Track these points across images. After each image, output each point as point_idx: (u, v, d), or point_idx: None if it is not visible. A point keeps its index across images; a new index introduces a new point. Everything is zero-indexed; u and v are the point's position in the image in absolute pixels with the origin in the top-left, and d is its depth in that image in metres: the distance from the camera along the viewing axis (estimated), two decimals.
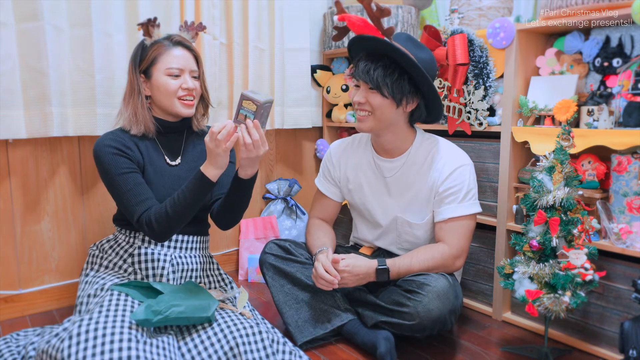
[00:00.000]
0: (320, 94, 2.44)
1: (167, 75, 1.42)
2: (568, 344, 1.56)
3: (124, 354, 1.09)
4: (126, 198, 1.37)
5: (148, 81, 1.45)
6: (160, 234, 1.36)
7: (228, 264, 2.29)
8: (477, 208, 1.54)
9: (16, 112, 1.63)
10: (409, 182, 1.57)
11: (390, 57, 1.44)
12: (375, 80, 1.43)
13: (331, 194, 1.74)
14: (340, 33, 1.53)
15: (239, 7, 2.07)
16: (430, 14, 2.38)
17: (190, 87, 1.44)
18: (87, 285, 1.41)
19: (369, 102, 1.47)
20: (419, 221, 1.58)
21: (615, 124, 1.44)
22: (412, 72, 1.43)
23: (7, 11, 1.58)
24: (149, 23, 1.43)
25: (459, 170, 1.51)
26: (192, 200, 1.33)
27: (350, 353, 1.52)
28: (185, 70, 1.44)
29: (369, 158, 1.64)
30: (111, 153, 1.38)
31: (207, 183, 1.32)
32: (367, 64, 1.45)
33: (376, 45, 1.44)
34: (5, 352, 1.37)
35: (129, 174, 1.38)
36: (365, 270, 1.46)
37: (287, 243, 1.66)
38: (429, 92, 1.47)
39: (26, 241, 1.79)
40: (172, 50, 1.44)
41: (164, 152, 1.49)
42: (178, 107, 1.45)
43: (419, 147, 1.57)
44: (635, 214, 1.40)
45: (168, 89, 1.42)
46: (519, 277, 1.37)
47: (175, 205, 1.33)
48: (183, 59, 1.44)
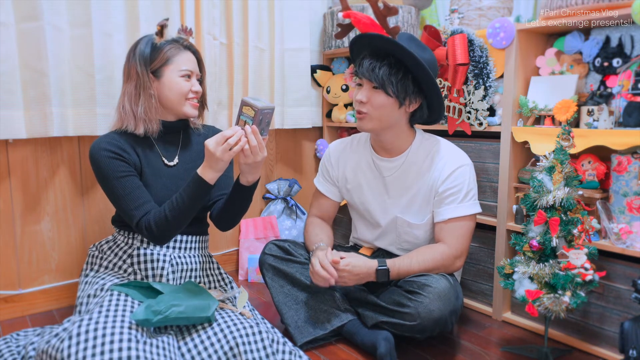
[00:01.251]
0: (320, 94, 2.44)
1: (181, 76, 1.44)
2: (568, 344, 1.56)
3: (124, 354, 1.09)
4: (124, 202, 1.36)
5: (156, 80, 1.44)
6: (161, 238, 1.36)
7: (228, 264, 2.29)
8: (477, 208, 1.53)
9: (16, 112, 1.63)
10: (408, 182, 1.57)
11: (395, 57, 1.43)
12: (380, 78, 1.42)
13: (330, 194, 1.74)
14: (344, 30, 1.51)
15: (239, 7, 2.07)
16: (430, 14, 2.38)
17: (198, 90, 1.48)
18: (87, 285, 1.41)
19: (371, 101, 1.46)
20: (418, 221, 1.58)
21: (615, 124, 1.44)
22: (417, 72, 1.42)
23: (7, 11, 1.58)
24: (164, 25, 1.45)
25: (459, 171, 1.51)
26: (190, 203, 1.32)
27: (350, 353, 1.52)
28: (194, 73, 1.47)
29: (368, 158, 1.64)
30: (108, 157, 1.37)
31: (205, 186, 1.31)
32: (372, 62, 1.44)
33: (382, 44, 1.43)
34: (5, 352, 1.37)
35: (126, 178, 1.37)
36: (365, 270, 1.46)
37: (287, 244, 1.66)
38: (432, 93, 1.46)
39: (26, 241, 1.79)
40: (184, 53, 1.45)
41: (160, 152, 1.49)
42: (187, 108, 1.47)
43: (419, 147, 1.57)
44: (635, 214, 1.40)
45: (182, 90, 1.44)
46: (519, 277, 1.37)
47: (174, 209, 1.32)
48: (192, 63, 1.47)
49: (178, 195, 1.33)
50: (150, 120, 1.42)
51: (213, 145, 1.27)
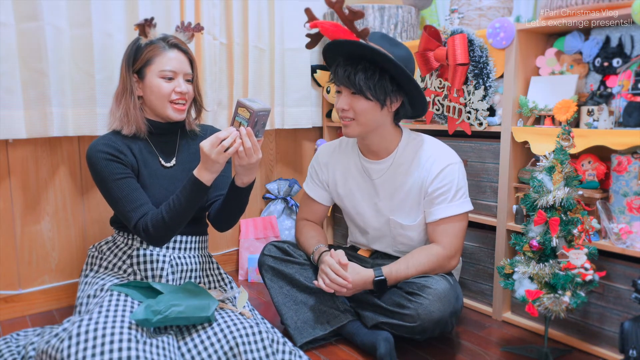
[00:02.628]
0: (320, 94, 2.44)
1: (160, 77, 1.40)
2: (568, 344, 1.56)
3: (124, 354, 1.09)
4: (122, 204, 1.36)
5: (141, 82, 1.43)
6: (159, 239, 1.35)
7: (228, 264, 2.29)
8: (468, 206, 1.52)
9: (16, 112, 1.63)
10: (398, 183, 1.55)
11: (368, 59, 1.42)
12: (357, 84, 1.41)
13: (320, 198, 1.72)
14: (313, 40, 1.50)
15: (239, 7, 2.07)
16: (430, 14, 2.38)
17: (183, 91, 1.42)
18: (87, 286, 1.41)
19: (352, 108, 1.45)
20: (410, 222, 1.57)
21: (615, 124, 1.44)
22: (393, 71, 1.41)
23: (7, 11, 1.58)
24: (146, 23, 1.40)
25: (447, 169, 1.49)
26: (187, 205, 1.32)
27: (350, 353, 1.52)
28: (179, 73, 1.42)
29: (356, 161, 1.62)
30: (105, 159, 1.36)
31: (202, 187, 1.30)
32: (346, 69, 1.42)
33: (353, 49, 1.42)
34: (5, 352, 1.37)
35: (123, 180, 1.37)
36: (362, 282, 1.47)
37: (286, 245, 1.66)
38: (411, 88, 1.44)
39: (26, 241, 1.79)
40: (167, 52, 1.41)
41: (158, 153, 1.48)
42: (169, 111, 1.43)
43: (406, 147, 1.55)
44: (635, 214, 1.40)
45: (161, 92, 1.40)
46: (519, 277, 1.37)
47: (171, 211, 1.32)
48: (178, 62, 1.42)
49: (175, 197, 1.33)
50: (132, 122, 1.41)
51: (208, 147, 1.25)
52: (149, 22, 1.41)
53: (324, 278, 1.48)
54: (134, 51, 1.42)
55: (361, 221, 1.66)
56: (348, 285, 1.44)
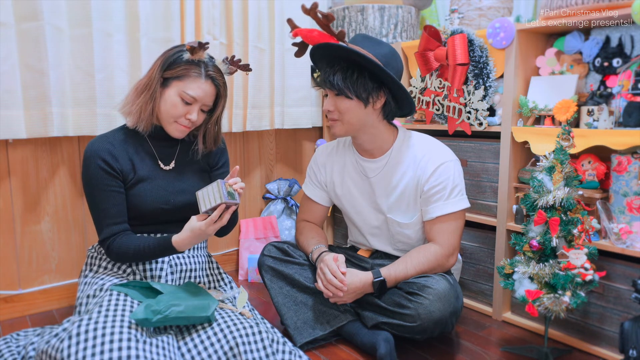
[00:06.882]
0: (320, 94, 2.44)
1: (180, 97, 1.39)
2: (568, 344, 1.56)
3: (124, 353, 1.09)
4: (99, 215, 1.39)
5: (162, 88, 1.41)
6: (115, 261, 1.43)
7: (228, 263, 2.29)
8: (465, 203, 1.52)
9: (16, 112, 1.63)
10: (394, 181, 1.55)
11: (346, 59, 1.43)
12: (336, 85, 1.43)
13: (319, 199, 1.72)
14: (300, 48, 1.53)
15: (239, 7, 2.07)
16: (430, 14, 2.39)
17: (192, 120, 1.41)
18: (87, 286, 1.41)
19: (337, 108, 1.47)
20: (407, 220, 1.57)
21: (615, 124, 1.44)
22: (371, 68, 1.42)
23: (7, 11, 1.58)
24: (199, 46, 1.37)
25: (442, 167, 1.49)
26: (154, 257, 1.39)
27: (350, 353, 1.52)
28: (199, 102, 1.41)
29: (353, 160, 1.63)
30: (99, 167, 1.37)
31: (175, 251, 1.37)
32: (326, 72, 1.45)
33: (329, 52, 1.44)
34: (5, 352, 1.37)
35: (109, 193, 1.38)
36: (361, 285, 1.47)
37: (286, 245, 1.66)
38: (392, 85, 1.45)
39: (26, 241, 1.79)
40: (200, 80, 1.39)
41: (157, 156, 1.48)
42: (172, 128, 1.43)
43: (401, 146, 1.56)
44: (635, 214, 1.40)
45: (173, 110, 1.40)
46: (519, 277, 1.37)
47: (138, 253, 1.37)
48: (203, 92, 1.40)
49: (147, 246, 1.37)
50: (142, 119, 1.41)
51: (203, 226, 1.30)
52: (203, 45, 1.38)
53: (321, 277, 1.49)
54: (173, 59, 1.40)
55: (360, 220, 1.67)
56: (343, 288, 1.44)
